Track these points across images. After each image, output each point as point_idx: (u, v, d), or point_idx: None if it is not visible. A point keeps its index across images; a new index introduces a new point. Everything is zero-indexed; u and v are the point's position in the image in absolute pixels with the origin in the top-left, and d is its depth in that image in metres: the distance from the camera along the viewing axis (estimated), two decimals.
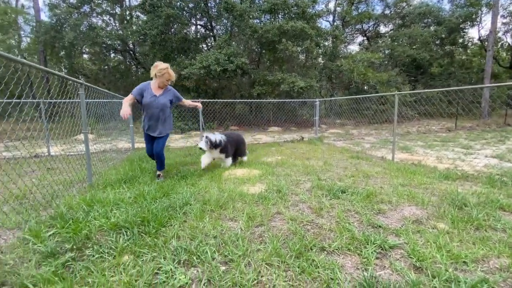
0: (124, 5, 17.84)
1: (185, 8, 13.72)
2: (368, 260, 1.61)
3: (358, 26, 22.44)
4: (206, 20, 15.24)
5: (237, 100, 9.72)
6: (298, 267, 1.54)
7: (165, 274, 1.49)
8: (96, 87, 4.13)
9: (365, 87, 14.60)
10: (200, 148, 3.88)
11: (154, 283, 1.43)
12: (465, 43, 21.39)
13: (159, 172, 3.70)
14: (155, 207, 2.38)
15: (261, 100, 10.01)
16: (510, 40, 21.01)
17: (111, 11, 17.75)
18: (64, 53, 16.37)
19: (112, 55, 19.02)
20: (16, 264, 1.62)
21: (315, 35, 12.56)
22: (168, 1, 12.38)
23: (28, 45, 20.73)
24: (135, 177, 3.61)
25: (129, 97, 3.37)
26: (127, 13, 17.60)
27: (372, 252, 1.69)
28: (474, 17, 19.46)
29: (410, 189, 3.08)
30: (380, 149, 6.81)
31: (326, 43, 15.82)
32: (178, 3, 13.10)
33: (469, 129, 11.42)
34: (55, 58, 18.04)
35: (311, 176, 3.78)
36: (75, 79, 3.36)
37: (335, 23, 20.28)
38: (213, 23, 15.15)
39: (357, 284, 1.39)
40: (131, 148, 6.77)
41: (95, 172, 3.81)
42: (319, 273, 1.49)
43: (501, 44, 21.71)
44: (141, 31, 12.10)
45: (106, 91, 4.82)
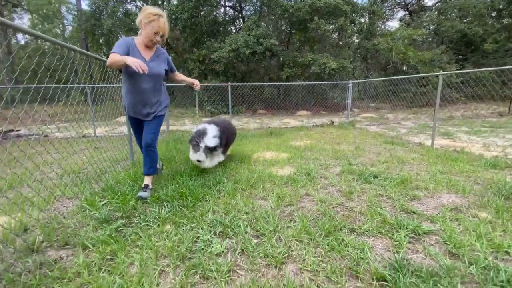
0: None
1: None
2: (400, 243, 1.60)
3: (399, 0, 20.46)
4: (235, 1, 14.98)
5: (266, 83, 9.63)
6: (328, 245, 1.59)
7: (203, 242, 1.63)
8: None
9: (404, 68, 13.50)
10: (198, 161, 2.78)
11: (194, 249, 1.58)
12: None
13: (147, 180, 2.43)
14: (191, 184, 2.57)
15: (290, 82, 9.79)
16: None
17: None
18: (103, 40, 17.34)
19: None
20: (76, 228, 1.88)
21: (350, 11, 11.76)
22: None
23: (71, 34, 22.26)
24: (172, 157, 3.86)
25: (115, 56, 2.03)
26: None
27: (404, 236, 1.67)
28: None
29: (450, 176, 2.90)
30: (418, 134, 6.40)
31: (362, 20, 14.73)
32: None
33: None
34: (95, 45, 19.18)
35: (341, 160, 3.72)
36: None
37: None
38: (242, 4, 14.85)
39: (387, 265, 1.41)
40: (166, 130, 7.14)
41: (135, 151, 4.14)
42: (348, 252, 1.52)
43: None
44: (172, 16, 12.31)
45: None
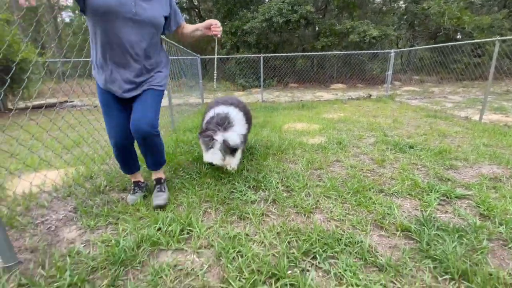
0: None
1: None
2: (429, 204, 1.64)
3: None
4: None
5: (299, 54, 9.26)
6: (355, 201, 1.69)
7: (239, 192, 1.83)
8: (175, 43, 4.53)
9: (458, 36, 11.95)
10: (211, 165, 1.91)
11: (231, 197, 1.79)
12: None
13: (159, 175, 1.81)
14: None
15: (325, 53, 9.32)
16: None
17: None
18: None
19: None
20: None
21: None
22: None
23: None
24: None
25: None
26: None
27: (435, 199, 1.69)
28: None
29: (495, 149, 2.72)
30: (466, 109, 5.86)
31: None
32: None
33: None
34: None
35: (376, 132, 3.64)
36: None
37: None
38: None
39: (413, 220, 1.47)
40: (201, 103, 7.45)
41: (175, 120, 4.46)
42: (375, 208, 1.61)
43: None
44: None
45: (181, 47, 5.26)
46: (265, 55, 7.56)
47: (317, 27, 11.64)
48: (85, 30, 1.64)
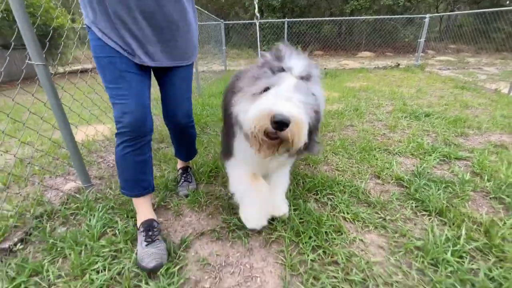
0: None
1: None
2: (428, 163, 1.82)
3: None
4: None
5: (326, 19, 8.84)
6: (359, 158, 1.91)
7: None
8: (198, 7, 4.61)
9: (507, 1, 10.56)
10: (281, 122, 0.71)
11: None
12: None
13: (187, 163, 1.67)
14: None
15: (354, 17, 8.78)
16: None
17: None
18: None
19: None
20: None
21: None
22: None
23: None
24: None
25: None
26: None
27: (434, 158, 1.87)
28: None
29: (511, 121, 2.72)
30: (499, 81, 5.51)
31: None
32: None
33: None
34: None
35: (396, 101, 3.67)
36: None
37: None
38: None
39: (409, 172, 1.68)
40: (224, 69, 7.59)
41: (200, 86, 4.73)
42: (376, 163, 1.82)
43: None
44: None
45: (205, 11, 5.32)
46: (290, 20, 7.35)
47: None
48: None
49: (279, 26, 9.67)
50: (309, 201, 1.41)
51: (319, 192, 1.46)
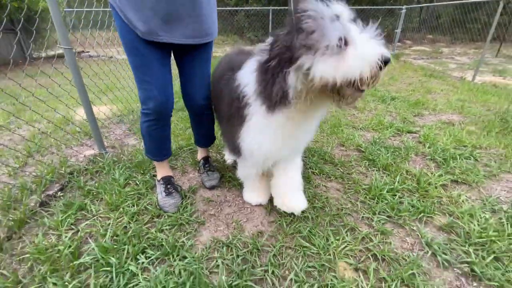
0: None
1: None
2: (383, 135, 2.24)
3: None
4: None
5: None
6: (329, 131, 2.30)
7: None
8: None
9: None
10: (384, 63, 0.74)
11: None
12: None
13: (206, 152, 1.72)
14: None
15: None
16: None
17: None
18: None
19: None
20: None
21: None
22: None
23: None
24: None
25: None
26: None
27: (390, 132, 2.29)
28: None
29: (465, 103, 3.20)
30: (468, 70, 6.08)
31: None
32: None
33: None
34: None
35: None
36: None
37: None
38: None
39: (367, 142, 2.10)
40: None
41: None
42: (343, 135, 2.22)
43: None
44: None
45: None
46: (274, 8, 7.55)
47: None
48: None
49: (264, 14, 9.81)
50: None
51: None
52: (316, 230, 1.20)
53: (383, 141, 2.11)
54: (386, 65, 0.71)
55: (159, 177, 1.45)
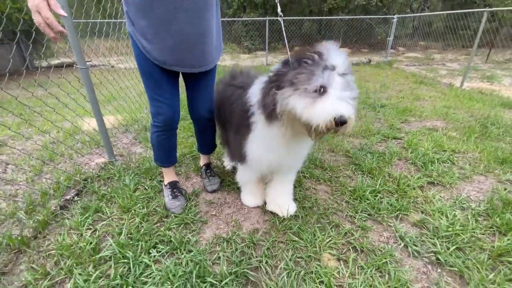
0: None
1: None
2: (371, 141, 2.42)
3: None
4: None
5: (305, 18, 9.40)
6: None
7: None
8: None
9: None
10: (338, 124, 0.85)
11: None
12: None
13: (208, 159, 1.89)
14: None
15: (330, 17, 9.41)
16: None
17: None
18: None
19: None
20: None
21: None
22: None
23: None
24: None
25: None
26: None
27: (377, 138, 2.48)
28: None
29: (449, 110, 3.40)
30: (457, 77, 6.32)
31: None
32: None
33: None
34: None
35: (361, 95, 4.28)
36: None
37: None
38: None
39: (355, 147, 2.28)
40: None
41: None
42: (333, 142, 2.40)
43: None
44: None
45: None
46: (271, 18, 7.82)
47: None
48: None
49: (261, 23, 10.10)
50: None
51: None
52: (305, 227, 1.37)
53: (369, 147, 2.29)
54: (342, 125, 0.83)
55: (166, 182, 1.64)
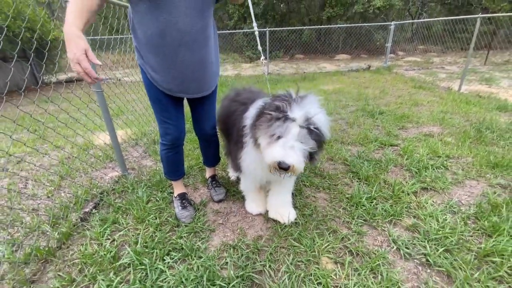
0: None
1: None
2: (368, 149, 2.54)
3: None
4: None
5: (305, 27, 9.63)
6: None
7: None
8: None
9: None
10: (281, 168, 1.06)
11: None
12: None
13: (213, 171, 2.02)
14: None
15: (329, 26, 9.63)
16: None
17: None
18: None
19: None
20: None
21: None
22: None
23: None
24: None
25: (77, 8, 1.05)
26: None
27: (374, 146, 2.59)
28: None
29: (447, 115, 3.50)
30: (456, 80, 6.40)
31: None
32: None
33: None
34: None
35: (360, 102, 4.40)
36: None
37: None
38: None
39: (353, 155, 2.39)
40: None
41: None
42: (332, 150, 2.52)
43: None
44: None
45: None
46: (271, 29, 8.04)
47: None
48: None
49: (261, 32, 10.35)
50: None
51: None
52: (305, 233, 1.49)
53: (367, 155, 2.40)
54: (286, 169, 1.03)
55: (175, 194, 1.78)
